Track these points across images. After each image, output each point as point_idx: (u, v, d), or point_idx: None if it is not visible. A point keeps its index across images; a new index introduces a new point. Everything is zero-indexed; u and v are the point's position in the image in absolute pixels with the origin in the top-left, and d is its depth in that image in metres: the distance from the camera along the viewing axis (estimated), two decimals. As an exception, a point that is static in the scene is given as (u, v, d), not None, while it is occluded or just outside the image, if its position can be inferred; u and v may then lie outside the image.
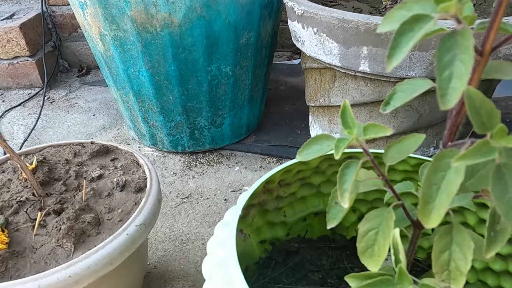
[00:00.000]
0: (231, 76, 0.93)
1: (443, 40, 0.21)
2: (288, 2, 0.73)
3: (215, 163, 1.04)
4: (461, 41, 0.21)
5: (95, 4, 0.81)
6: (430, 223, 0.22)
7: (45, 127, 1.23)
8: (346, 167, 0.26)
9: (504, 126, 0.22)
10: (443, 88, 0.21)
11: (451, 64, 0.21)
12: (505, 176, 0.21)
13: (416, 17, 0.21)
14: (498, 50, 0.60)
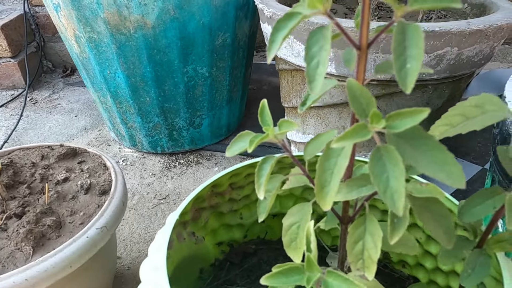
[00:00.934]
0: (207, 77, 0.94)
1: (311, 34, 0.22)
2: (258, 4, 0.74)
3: (194, 164, 1.04)
4: (326, 34, 0.22)
5: (68, 6, 0.81)
6: (326, 205, 0.23)
7: (26, 128, 1.23)
8: (263, 162, 0.27)
9: (378, 111, 0.23)
10: (311, 75, 0.22)
11: (318, 54, 0.22)
12: (383, 157, 0.22)
13: (289, 15, 0.22)
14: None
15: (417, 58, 0.20)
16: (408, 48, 0.21)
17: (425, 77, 0.63)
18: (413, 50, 0.21)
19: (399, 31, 0.21)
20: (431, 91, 0.67)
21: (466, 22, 0.59)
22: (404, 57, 0.21)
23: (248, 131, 0.30)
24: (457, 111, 0.27)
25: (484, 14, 0.77)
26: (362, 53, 0.24)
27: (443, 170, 0.21)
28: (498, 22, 0.60)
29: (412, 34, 0.21)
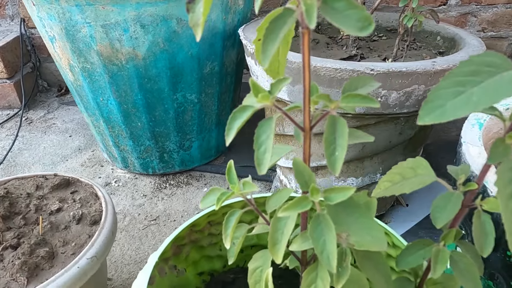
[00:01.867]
0: (196, 103, 0.98)
1: (260, 124, 0.27)
2: (243, 40, 0.79)
3: (184, 185, 1.08)
4: (272, 125, 0.26)
5: (63, 39, 0.85)
6: (278, 259, 0.27)
7: (22, 149, 1.26)
8: (230, 215, 0.32)
9: (316, 186, 0.27)
10: (260, 159, 0.26)
11: (265, 142, 0.26)
12: (321, 224, 0.26)
13: (243, 107, 0.27)
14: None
15: (344, 147, 0.25)
16: (337, 138, 0.25)
17: (396, 111, 0.67)
18: (341, 140, 0.25)
19: (330, 123, 0.26)
20: (403, 122, 0.72)
21: (431, 62, 0.64)
22: (334, 146, 0.25)
23: (217, 187, 0.34)
24: (397, 171, 0.31)
25: (454, 48, 0.82)
26: (306, 134, 0.29)
27: (370, 234, 0.25)
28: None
29: (340, 127, 0.25)
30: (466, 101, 0.22)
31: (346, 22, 0.21)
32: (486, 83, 0.22)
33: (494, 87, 0.22)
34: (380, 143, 0.74)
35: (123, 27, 0.80)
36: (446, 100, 0.22)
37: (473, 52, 0.69)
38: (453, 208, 0.26)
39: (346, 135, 0.25)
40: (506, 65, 0.22)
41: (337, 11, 0.21)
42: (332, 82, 0.65)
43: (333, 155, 0.25)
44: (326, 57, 0.84)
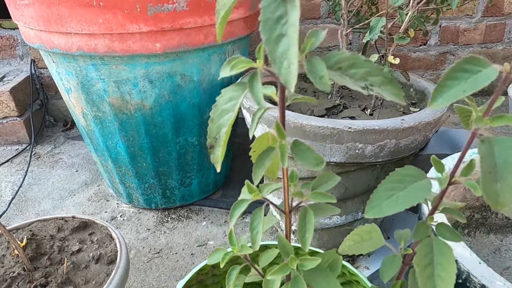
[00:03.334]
0: (197, 145, 1.08)
1: (254, 212, 0.37)
2: (239, 94, 0.89)
3: (184, 218, 1.17)
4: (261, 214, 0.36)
5: (79, 91, 0.95)
6: None
7: (31, 183, 1.35)
8: (232, 269, 0.41)
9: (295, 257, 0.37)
10: (254, 239, 0.36)
11: (257, 226, 0.36)
12: (297, 282, 0.35)
13: (241, 201, 0.36)
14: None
15: (311, 231, 0.35)
16: (307, 224, 0.35)
17: (372, 161, 0.78)
18: (309, 226, 0.35)
19: (302, 213, 0.36)
20: (379, 169, 0.82)
21: (400, 120, 0.75)
22: (304, 230, 0.35)
23: (221, 248, 0.43)
24: (358, 232, 0.41)
25: (424, 100, 0.93)
26: (286, 216, 0.38)
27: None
28: (426, 119, 0.76)
29: (309, 216, 0.35)
30: (395, 202, 0.32)
31: (306, 160, 0.31)
32: (408, 188, 0.32)
33: (413, 192, 0.32)
34: (360, 186, 0.84)
35: (133, 82, 0.91)
36: (381, 200, 0.32)
37: (438, 109, 0.80)
38: (396, 266, 0.36)
39: (313, 223, 0.35)
40: (420, 176, 0.33)
41: (301, 151, 0.32)
42: (317, 137, 0.75)
43: (304, 237, 0.35)
44: (312, 106, 0.95)
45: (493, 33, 1.84)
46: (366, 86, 0.29)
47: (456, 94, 0.28)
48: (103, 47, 0.83)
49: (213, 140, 0.32)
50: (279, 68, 0.24)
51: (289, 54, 0.23)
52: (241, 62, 0.32)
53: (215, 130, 0.32)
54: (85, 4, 0.78)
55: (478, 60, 0.28)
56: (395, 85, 0.29)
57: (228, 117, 0.31)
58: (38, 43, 0.89)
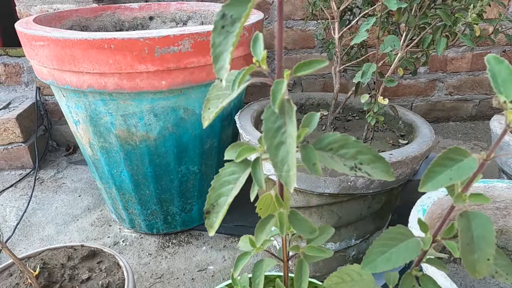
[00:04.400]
0: (198, 173, 1.13)
1: (255, 264, 0.42)
2: (239, 128, 0.95)
3: (185, 243, 1.21)
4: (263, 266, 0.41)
5: (87, 123, 1.01)
6: None
7: (35, 209, 1.39)
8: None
9: None
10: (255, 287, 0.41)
11: (259, 277, 0.41)
12: None
13: (244, 254, 0.42)
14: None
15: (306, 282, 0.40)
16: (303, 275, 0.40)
17: (364, 192, 0.83)
18: (304, 277, 0.40)
19: (299, 263, 0.41)
20: (370, 199, 0.88)
21: (389, 154, 0.81)
22: (300, 281, 0.40)
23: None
24: (346, 271, 0.46)
25: (412, 133, 1.00)
26: (284, 264, 0.44)
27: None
28: (412, 153, 0.82)
29: (304, 267, 0.41)
30: (389, 259, 0.37)
31: (302, 229, 0.37)
32: (399, 246, 0.38)
33: (404, 250, 0.37)
34: (353, 215, 0.89)
35: (139, 116, 0.97)
36: (377, 256, 0.38)
37: (424, 143, 0.86)
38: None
39: (307, 274, 0.40)
40: (410, 235, 0.38)
41: (298, 221, 0.37)
42: (312, 170, 0.81)
43: (300, 286, 0.40)
44: (307, 138, 1.01)
45: (479, 61, 1.93)
46: (355, 165, 0.35)
47: (444, 181, 0.33)
48: (112, 85, 0.89)
49: (210, 206, 0.37)
50: (280, 171, 0.29)
51: (288, 160, 0.29)
52: (246, 150, 0.37)
53: (214, 197, 0.37)
54: (97, 47, 0.84)
55: (460, 150, 0.34)
56: (384, 161, 0.35)
57: (228, 188, 0.37)
58: (50, 79, 0.95)
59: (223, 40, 0.29)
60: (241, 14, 0.28)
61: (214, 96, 0.36)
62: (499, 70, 0.32)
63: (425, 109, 2.01)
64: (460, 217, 0.35)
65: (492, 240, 0.34)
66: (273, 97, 0.30)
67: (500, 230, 0.80)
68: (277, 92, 0.30)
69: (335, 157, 0.35)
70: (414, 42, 0.89)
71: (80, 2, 1.49)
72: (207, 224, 0.37)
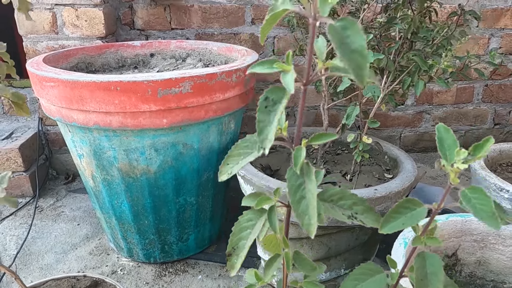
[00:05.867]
0: (195, 204, 1.19)
1: None
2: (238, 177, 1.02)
3: (181, 272, 1.25)
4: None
5: (91, 157, 1.07)
6: None
7: (35, 237, 1.42)
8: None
9: None
10: None
11: None
12: None
13: (249, 286, 0.47)
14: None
15: None
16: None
17: (351, 224, 0.89)
18: None
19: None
20: (358, 231, 0.94)
21: (374, 190, 0.87)
22: None
23: None
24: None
25: (396, 168, 1.07)
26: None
27: None
28: (396, 189, 0.88)
29: None
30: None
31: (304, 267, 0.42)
32: (369, 280, 0.44)
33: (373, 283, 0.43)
34: (342, 246, 0.95)
35: (140, 151, 1.03)
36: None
37: (406, 179, 0.93)
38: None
39: None
40: (379, 271, 0.44)
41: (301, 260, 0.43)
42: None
43: None
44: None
45: (463, 94, 2.03)
46: (351, 214, 0.41)
47: (398, 225, 0.40)
48: (117, 123, 0.96)
49: (231, 250, 0.43)
50: (302, 221, 0.36)
51: (309, 211, 0.35)
52: (264, 200, 0.43)
53: (235, 241, 0.43)
54: (104, 88, 0.91)
55: (415, 201, 0.41)
56: (374, 212, 0.42)
57: (247, 232, 0.43)
58: (58, 116, 1.01)
59: (266, 117, 0.36)
60: (281, 99, 0.35)
61: (236, 154, 0.43)
62: (446, 137, 0.39)
63: (414, 139, 2.09)
64: (417, 257, 0.41)
65: (441, 276, 0.40)
66: (295, 161, 0.37)
67: (478, 261, 0.86)
68: (298, 157, 0.37)
69: (335, 207, 0.42)
70: (394, 84, 0.97)
71: (84, 39, 1.58)
72: (228, 265, 0.43)
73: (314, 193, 0.35)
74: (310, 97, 1.94)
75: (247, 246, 0.42)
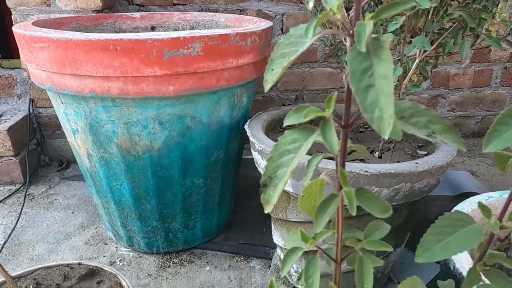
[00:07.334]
0: (202, 187, 1.07)
1: (308, 261, 0.36)
2: (250, 137, 0.90)
3: (187, 263, 1.13)
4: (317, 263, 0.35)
5: (86, 132, 0.94)
6: None
7: (25, 226, 1.30)
8: None
9: None
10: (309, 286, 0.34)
11: (313, 276, 0.35)
12: None
13: (295, 248, 0.36)
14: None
15: (369, 281, 0.34)
16: (364, 273, 0.34)
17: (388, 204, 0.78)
18: (367, 276, 0.34)
19: (359, 264, 0.35)
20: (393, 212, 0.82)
21: (415, 164, 0.75)
22: (363, 279, 0.34)
23: None
24: (400, 285, 0.40)
25: (430, 145, 0.95)
26: (337, 265, 0.38)
27: None
28: (439, 162, 0.77)
29: (366, 264, 0.35)
30: (447, 246, 0.32)
31: (373, 208, 0.31)
32: (458, 233, 0.32)
33: (464, 236, 0.32)
34: (374, 230, 0.83)
35: (143, 124, 0.91)
36: (432, 244, 0.32)
37: (448, 153, 0.81)
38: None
39: (371, 272, 0.34)
40: (470, 221, 0.33)
41: (367, 199, 0.31)
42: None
43: (363, 287, 0.34)
44: (320, 149, 0.96)
45: (481, 78, 1.92)
46: (429, 133, 0.30)
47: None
48: (116, 90, 0.84)
49: (267, 179, 0.31)
50: (371, 116, 0.24)
51: (380, 103, 0.24)
52: (312, 111, 0.32)
53: (272, 169, 0.31)
54: (102, 48, 0.79)
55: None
56: (455, 132, 0.30)
57: (289, 158, 0.31)
58: (49, 84, 0.89)
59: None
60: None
61: (279, 55, 0.31)
62: None
63: (428, 125, 1.98)
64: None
65: None
66: (358, 37, 0.25)
67: (534, 245, 0.75)
68: (362, 31, 0.25)
69: (408, 125, 0.30)
70: (433, 47, 0.86)
71: (79, 12, 1.45)
72: (263, 199, 0.32)
73: (387, 77, 0.24)
74: (320, 79, 1.82)
75: (287, 175, 0.31)
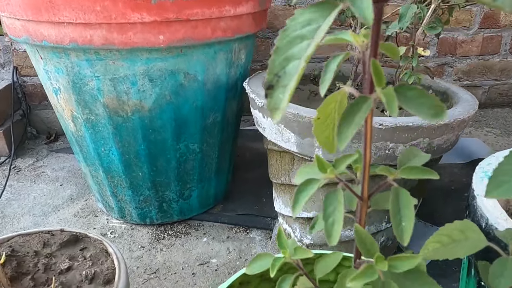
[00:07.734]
0: (198, 152, 0.99)
1: (327, 196, 0.28)
2: (250, 94, 0.81)
3: (183, 235, 1.06)
4: (340, 198, 0.28)
5: (69, 91, 0.86)
6: None
7: (10, 199, 1.22)
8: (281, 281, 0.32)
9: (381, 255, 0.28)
10: (329, 231, 0.27)
11: (333, 214, 0.27)
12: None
13: (309, 181, 0.28)
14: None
15: (410, 218, 0.26)
16: (402, 209, 0.27)
17: (402, 163, 0.70)
18: (406, 211, 0.26)
19: (394, 195, 0.27)
20: (407, 173, 0.75)
21: (434, 117, 0.68)
22: (400, 216, 0.27)
23: (267, 253, 0.34)
24: (444, 232, 0.33)
25: (447, 101, 0.87)
26: (364, 203, 0.30)
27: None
28: (461, 116, 0.69)
29: (403, 197, 0.27)
30: None
31: (419, 110, 0.23)
32: None
33: None
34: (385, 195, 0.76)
35: (131, 80, 0.82)
36: (509, 177, 0.24)
37: (469, 107, 0.74)
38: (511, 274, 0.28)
39: (411, 207, 0.26)
40: None
41: (411, 98, 0.23)
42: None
43: (400, 225, 0.26)
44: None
45: (489, 45, 1.83)
46: None
47: None
48: (99, 39, 0.75)
49: (273, 78, 0.23)
50: None
51: None
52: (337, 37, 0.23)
53: (280, 64, 0.23)
54: (81, -11, 0.69)
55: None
56: None
57: (302, 46, 0.22)
58: (25, 35, 0.80)
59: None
60: None
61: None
62: None
63: (434, 95, 1.90)
64: None
65: None
66: None
67: None
68: None
69: None
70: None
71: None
72: (269, 104, 0.23)
73: None
74: (322, 48, 1.73)
75: (300, 69, 0.22)
